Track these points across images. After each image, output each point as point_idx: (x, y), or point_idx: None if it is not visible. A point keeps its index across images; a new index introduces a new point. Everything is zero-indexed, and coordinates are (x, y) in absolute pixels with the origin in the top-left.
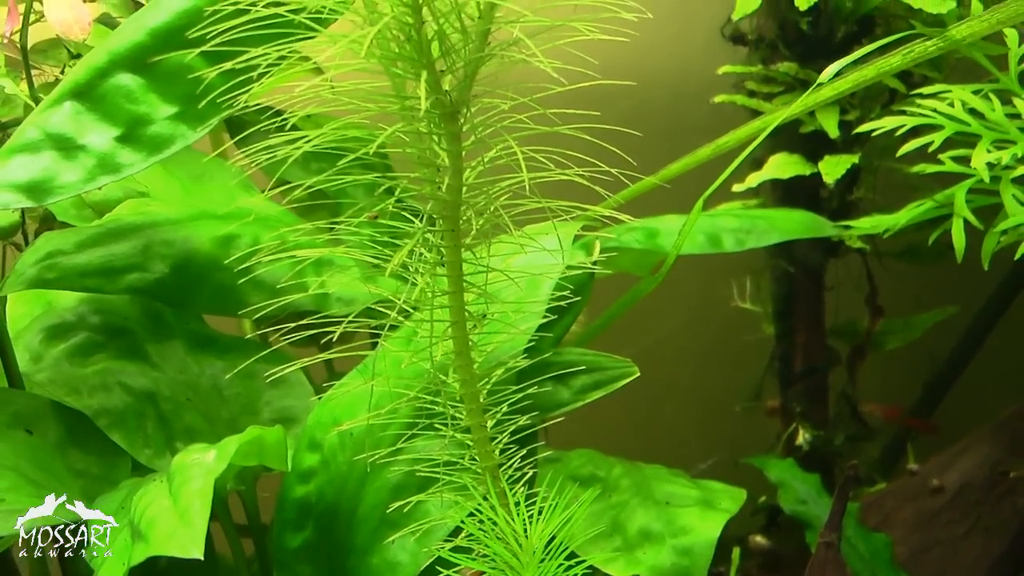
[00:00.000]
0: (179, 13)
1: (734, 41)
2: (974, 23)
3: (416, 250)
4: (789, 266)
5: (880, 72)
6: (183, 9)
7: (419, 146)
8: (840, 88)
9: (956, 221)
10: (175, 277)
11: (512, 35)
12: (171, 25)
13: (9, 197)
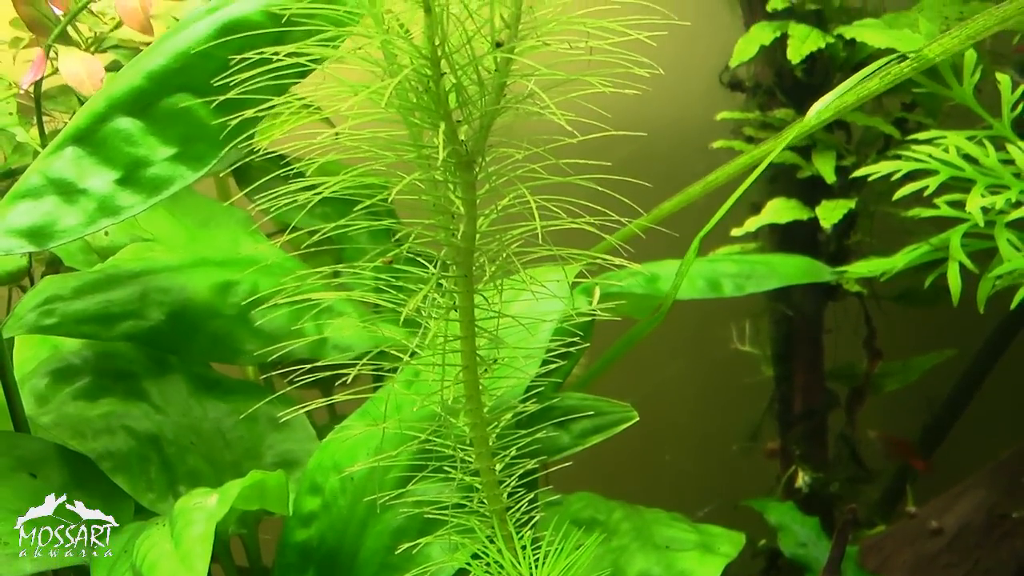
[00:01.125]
0: (176, 56)
1: (732, 88)
2: (945, 41)
3: (429, 295)
4: (788, 309)
5: (860, 97)
6: (179, 52)
7: (434, 194)
8: (824, 116)
9: (952, 265)
10: (170, 324)
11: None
12: (168, 68)
13: (12, 243)
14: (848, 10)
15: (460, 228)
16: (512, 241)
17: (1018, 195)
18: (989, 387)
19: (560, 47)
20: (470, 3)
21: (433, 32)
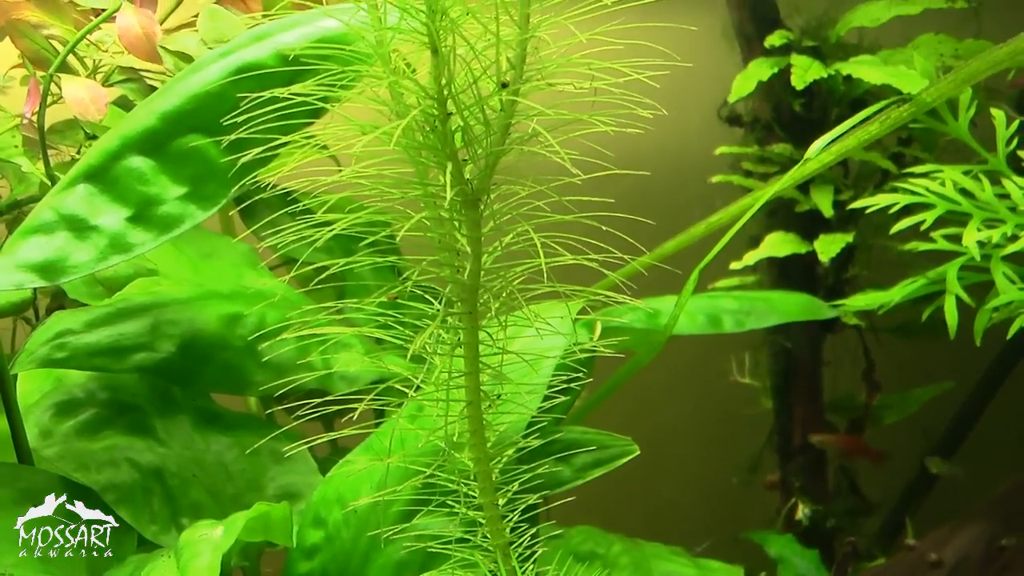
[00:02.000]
0: (189, 98)
1: (730, 123)
2: (941, 85)
3: (434, 331)
4: (787, 342)
5: (861, 141)
6: (193, 94)
7: (439, 231)
8: (824, 160)
9: (948, 298)
10: (181, 356)
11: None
12: (181, 109)
13: (23, 277)
14: (845, 46)
15: (465, 265)
16: (516, 278)
17: (1014, 229)
18: (987, 419)
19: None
20: (476, 44)
21: (440, 73)
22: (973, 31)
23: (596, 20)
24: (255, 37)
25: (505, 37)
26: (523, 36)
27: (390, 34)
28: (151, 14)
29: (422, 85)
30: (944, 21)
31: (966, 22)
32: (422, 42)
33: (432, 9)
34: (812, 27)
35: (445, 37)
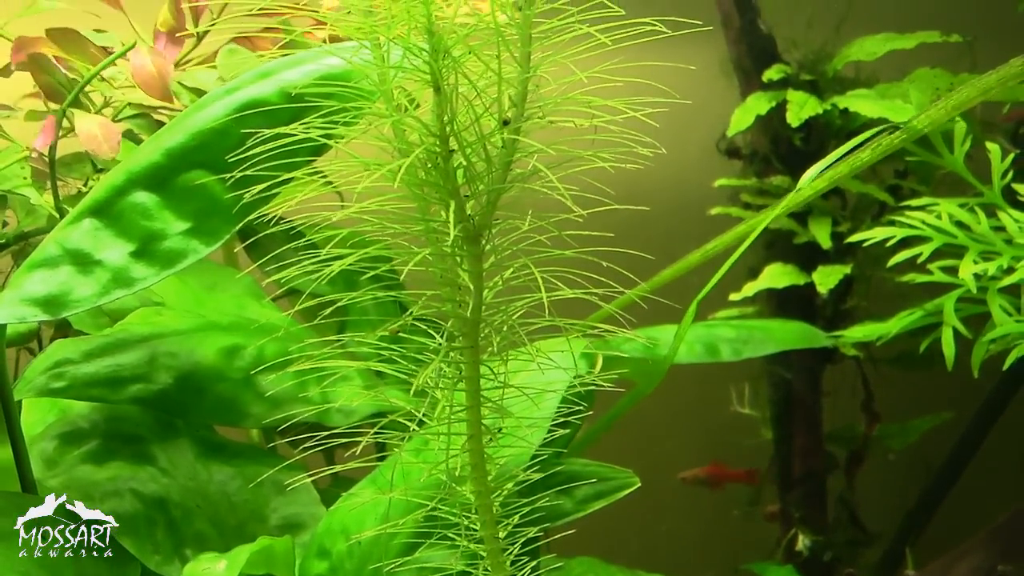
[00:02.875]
0: (194, 134)
1: (729, 155)
2: (932, 112)
3: (437, 365)
4: (787, 372)
5: (853, 168)
6: (198, 130)
7: (441, 266)
8: (818, 187)
9: (946, 330)
10: (178, 388)
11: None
12: (186, 146)
13: (26, 311)
14: (842, 80)
15: (467, 300)
16: (517, 312)
17: (1010, 261)
18: (987, 449)
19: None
20: (478, 82)
21: (443, 111)
22: (968, 65)
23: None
24: (260, 74)
25: (506, 75)
26: (524, 75)
27: (393, 72)
28: (164, 53)
29: (425, 123)
30: (939, 55)
31: (961, 56)
32: (425, 80)
33: (435, 48)
34: (809, 61)
35: (447, 76)
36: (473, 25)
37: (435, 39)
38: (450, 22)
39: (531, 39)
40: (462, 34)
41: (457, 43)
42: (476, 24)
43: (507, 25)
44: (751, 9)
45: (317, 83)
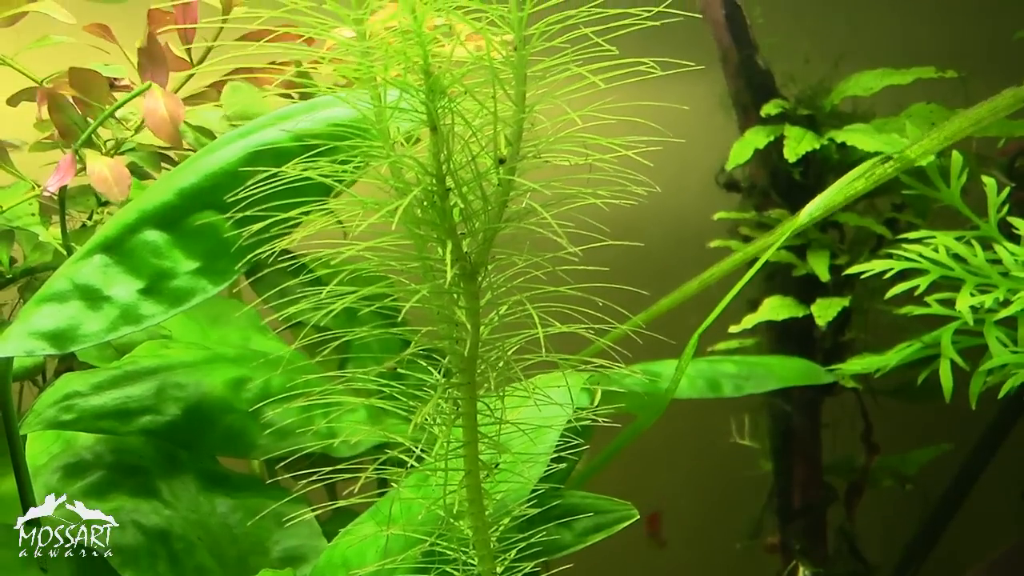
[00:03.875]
0: (207, 175)
1: (728, 188)
2: (925, 142)
3: (435, 400)
4: (786, 404)
5: (847, 197)
6: (210, 172)
7: (438, 303)
8: (813, 215)
9: (943, 362)
10: (186, 419)
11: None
12: (199, 187)
13: (34, 345)
14: (839, 115)
15: (464, 336)
16: (514, 348)
17: (1006, 294)
18: (986, 481)
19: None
20: (474, 121)
21: (439, 150)
22: (963, 101)
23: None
24: (272, 119)
25: (502, 114)
26: (520, 114)
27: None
28: (177, 98)
29: (421, 162)
30: (935, 90)
31: (956, 91)
32: (421, 120)
33: (431, 89)
34: (807, 96)
35: (444, 115)
36: (469, 65)
37: (431, 79)
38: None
39: (526, 79)
40: (458, 74)
41: (453, 83)
42: (472, 64)
43: (503, 64)
44: (749, 45)
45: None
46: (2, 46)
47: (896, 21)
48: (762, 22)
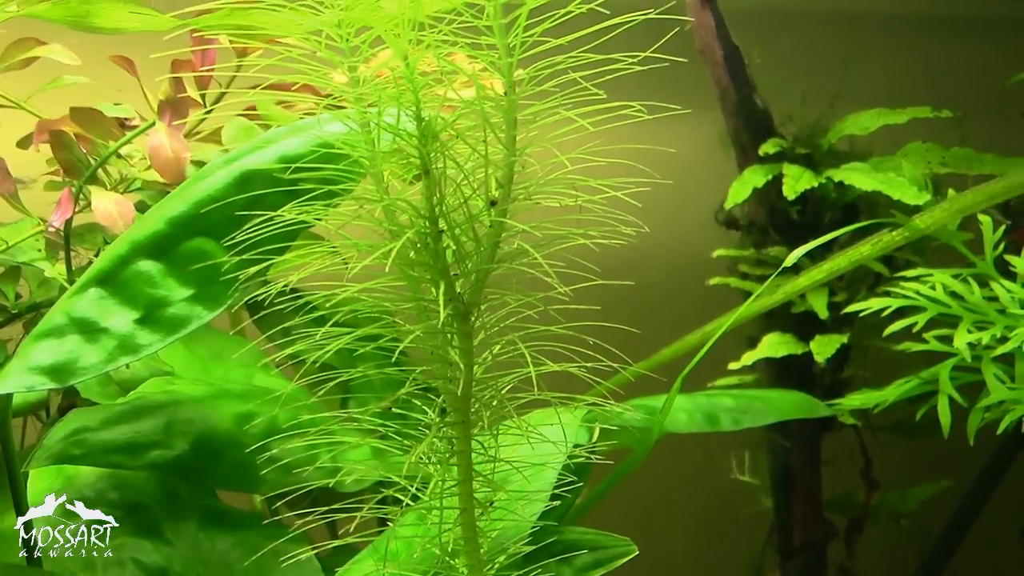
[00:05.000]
0: (196, 203)
1: (727, 226)
2: (936, 212)
3: (430, 440)
4: (786, 440)
5: (852, 261)
6: (199, 199)
7: (432, 343)
8: (816, 277)
9: (941, 398)
10: (194, 454)
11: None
12: (189, 214)
13: (34, 380)
14: (837, 154)
15: (457, 376)
16: (508, 387)
17: (1003, 331)
18: (986, 518)
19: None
20: (465, 164)
21: (432, 193)
22: (958, 139)
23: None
24: (259, 143)
25: (494, 157)
26: (510, 158)
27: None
28: (182, 136)
29: (414, 205)
30: (931, 129)
31: (951, 130)
32: (414, 164)
33: (423, 133)
34: (805, 135)
35: (436, 159)
36: (461, 110)
37: (424, 124)
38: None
39: (516, 122)
40: (450, 119)
41: (445, 128)
42: (463, 109)
43: (493, 109)
44: (747, 84)
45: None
46: (16, 88)
47: (891, 60)
48: (759, 62)
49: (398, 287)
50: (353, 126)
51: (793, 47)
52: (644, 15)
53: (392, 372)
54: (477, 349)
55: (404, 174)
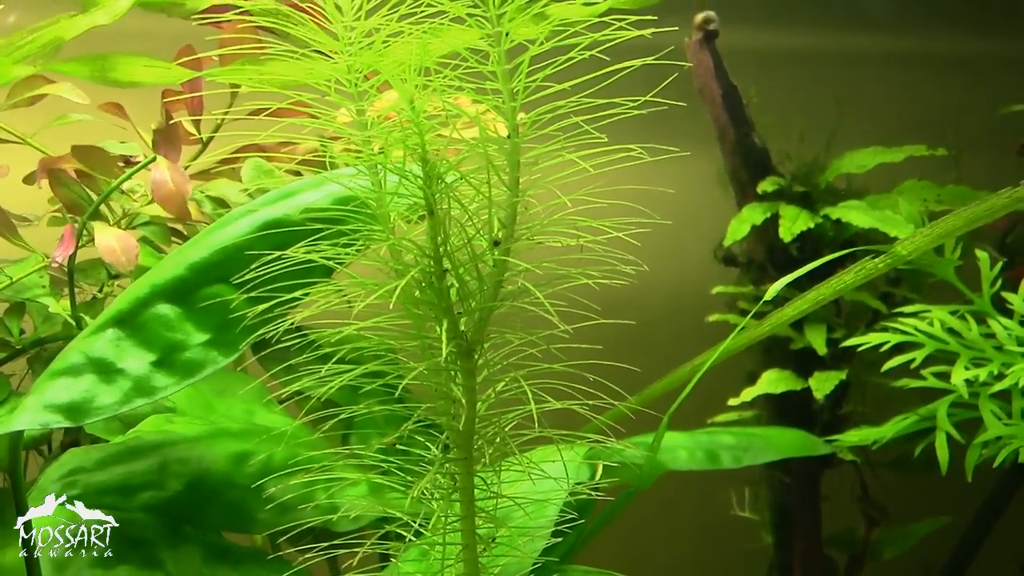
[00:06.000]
0: (218, 250)
1: (726, 263)
2: (917, 239)
3: (432, 476)
4: (786, 477)
5: (836, 290)
6: (220, 246)
7: (435, 380)
8: (801, 308)
9: (939, 435)
10: (188, 494)
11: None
12: (209, 261)
13: (49, 418)
14: (834, 191)
15: (460, 413)
16: (511, 423)
17: (1000, 367)
18: (986, 554)
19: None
20: (469, 205)
21: (436, 233)
22: (954, 177)
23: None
24: (281, 195)
25: (497, 198)
26: (513, 198)
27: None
28: (183, 171)
29: (419, 244)
30: (926, 167)
31: (947, 168)
32: (420, 205)
33: (428, 175)
34: (802, 173)
35: (441, 200)
36: (465, 153)
37: (429, 166)
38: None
39: (519, 164)
40: (454, 161)
41: (449, 170)
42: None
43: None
44: (745, 123)
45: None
46: (23, 125)
47: (886, 98)
48: (757, 101)
49: (403, 325)
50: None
51: (790, 86)
52: (643, 61)
53: (395, 408)
54: (480, 386)
55: (410, 215)
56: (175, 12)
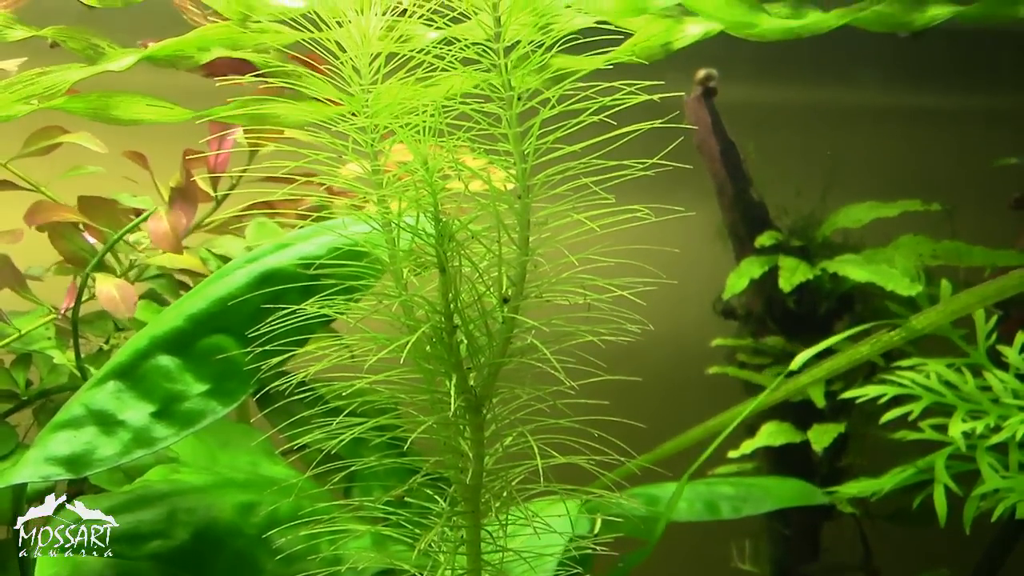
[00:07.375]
0: (216, 301)
1: (725, 316)
2: (932, 314)
3: (439, 528)
4: (786, 529)
5: (852, 360)
6: (219, 297)
7: (444, 434)
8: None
9: (937, 487)
10: (195, 544)
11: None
12: (208, 312)
13: (51, 470)
14: (831, 245)
15: (468, 467)
16: (517, 478)
17: (996, 420)
18: None
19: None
20: (480, 263)
21: (447, 290)
22: (948, 232)
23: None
24: (278, 246)
25: (506, 256)
26: (522, 257)
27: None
28: (180, 212)
29: (430, 301)
30: (921, 222)
31: (942, 223)
32: (431, 263)
33: (440, 234)
34: (800, 227)
35: (452, 258)
36: (476, 213)
37: (441, 225)
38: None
39: (529, 224)
40: (466, 220)
41: (460, 229)
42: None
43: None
44: (743, 179)
45: (331, 255)
46: (37, 174)
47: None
48: (755, 156)
49: (413, 379)
50: (377, 227)
51: (787, 141)
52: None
53: (402, 462)
54: (488, 440)
55: (422, 272)
56: (183, 65)
